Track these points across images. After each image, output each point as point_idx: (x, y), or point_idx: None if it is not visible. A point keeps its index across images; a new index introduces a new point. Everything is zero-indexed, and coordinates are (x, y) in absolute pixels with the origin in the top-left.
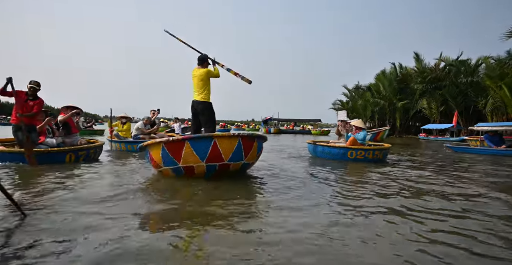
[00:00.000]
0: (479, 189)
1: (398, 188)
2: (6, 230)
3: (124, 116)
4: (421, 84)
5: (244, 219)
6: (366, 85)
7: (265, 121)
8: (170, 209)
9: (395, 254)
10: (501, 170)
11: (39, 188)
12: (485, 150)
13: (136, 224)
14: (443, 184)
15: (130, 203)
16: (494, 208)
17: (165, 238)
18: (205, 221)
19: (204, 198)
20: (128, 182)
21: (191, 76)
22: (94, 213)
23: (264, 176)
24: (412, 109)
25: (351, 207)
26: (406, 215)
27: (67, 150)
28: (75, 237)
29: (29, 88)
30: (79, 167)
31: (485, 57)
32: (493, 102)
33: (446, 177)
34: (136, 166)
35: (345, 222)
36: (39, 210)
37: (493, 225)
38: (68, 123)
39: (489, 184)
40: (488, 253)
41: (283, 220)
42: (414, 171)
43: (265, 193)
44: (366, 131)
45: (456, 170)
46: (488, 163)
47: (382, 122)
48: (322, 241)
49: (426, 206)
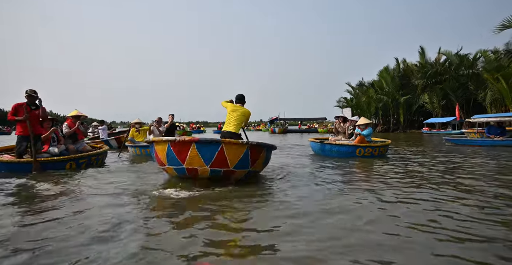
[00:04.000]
0: (464, 181)
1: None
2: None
3: (138, 122)
4: (421, 80)
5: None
6: (369, 81)
7: (271, 121)
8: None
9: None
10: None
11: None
12: (484, 141)
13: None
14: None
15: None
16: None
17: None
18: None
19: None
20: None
21: (228, 109)
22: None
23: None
24: (415, 104)
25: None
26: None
27: (67, 158)
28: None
29: (27, 97)
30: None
31: (484, 51)
32: (491, 94)
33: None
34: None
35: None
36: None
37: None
38: (75, 131)
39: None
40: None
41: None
42: (411, 165)
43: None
44: (371, 128)
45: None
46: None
47: (386, 118)
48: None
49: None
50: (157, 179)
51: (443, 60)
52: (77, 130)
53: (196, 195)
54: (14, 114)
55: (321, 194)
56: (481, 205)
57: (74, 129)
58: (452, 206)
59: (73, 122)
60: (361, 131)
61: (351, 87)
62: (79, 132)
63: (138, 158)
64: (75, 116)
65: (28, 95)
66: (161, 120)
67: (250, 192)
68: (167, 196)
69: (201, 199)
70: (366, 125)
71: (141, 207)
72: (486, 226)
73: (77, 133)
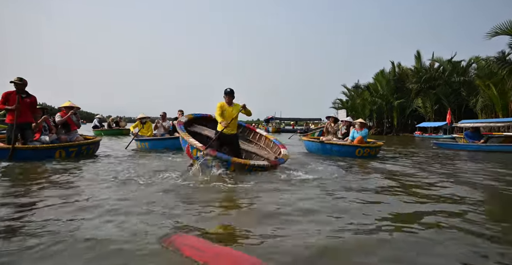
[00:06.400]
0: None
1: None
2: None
3: (143, 117)
4: (416, 84)
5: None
6: (365, 84)
7: (267, 120)
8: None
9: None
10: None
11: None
12: (468, 145)
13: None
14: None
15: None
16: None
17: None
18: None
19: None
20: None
21: (222, 109)
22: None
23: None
24: (408, 107)
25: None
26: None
27: (56, 146)
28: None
29: (15, 85)
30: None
31: (476, 57)
32: (482, 101)
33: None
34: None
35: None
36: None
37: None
38: (67, 121)
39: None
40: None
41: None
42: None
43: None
44: (367, 129)
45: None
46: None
47: (380, 120)
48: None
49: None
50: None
51: (437, 66)
52: (69, 120)
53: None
54: (4, 103)
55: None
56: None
57: (65, 118)
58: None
59: (66, 113)
60: (357, 132)
61: (346, 89)
62: (71, 123)
63: (140, 151)
64: (67, 106)
65: (14, 82)
66: (165, 115)
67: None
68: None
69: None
70: (361, 126)
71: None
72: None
73: (69, 123)
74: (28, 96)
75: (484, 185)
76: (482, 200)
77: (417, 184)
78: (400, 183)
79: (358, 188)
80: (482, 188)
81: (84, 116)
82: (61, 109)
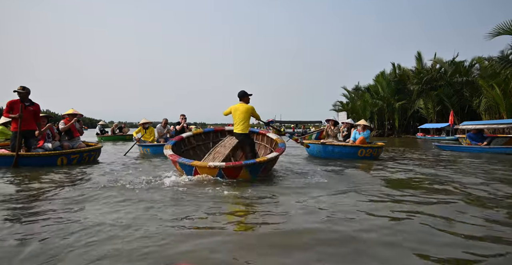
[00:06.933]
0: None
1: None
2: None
3: (145, 122)
4: (417, 85)
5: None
6: (365, 86)
7: (267, 123)
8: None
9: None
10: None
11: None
12: (471, 148)
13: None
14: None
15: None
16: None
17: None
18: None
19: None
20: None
21: (232, 112)
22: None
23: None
24: (410, 109)
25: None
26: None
27: (58, 153)
28: None
29: (18, 94)
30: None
31: (479, 58)
32: (486, 102)
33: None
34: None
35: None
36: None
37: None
38: (70, 128)
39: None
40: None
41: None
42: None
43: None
44: (369, 130)
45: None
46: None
47: (381, 122)
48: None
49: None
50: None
51: (439, 66)
52: (72, 127)
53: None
54: (9, 112)
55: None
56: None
57: (68, 125)
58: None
59: (69, 120)
60: (359, 133)
61: (347, 91)
62: (74, 130)
63: (141, 157)
64: (71, 114)
65: (17, 91)
66: (166, 122)
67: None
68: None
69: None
70: (364, 127)
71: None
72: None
73: (72, 130)
74: (31, 104)
75: (486, 185)
76: (483, 201)
77: (417, 185)
78: (404, 186)
79: (363, 192)
80: (484, 189)
81: (87, 122)
82: (65, 117)
